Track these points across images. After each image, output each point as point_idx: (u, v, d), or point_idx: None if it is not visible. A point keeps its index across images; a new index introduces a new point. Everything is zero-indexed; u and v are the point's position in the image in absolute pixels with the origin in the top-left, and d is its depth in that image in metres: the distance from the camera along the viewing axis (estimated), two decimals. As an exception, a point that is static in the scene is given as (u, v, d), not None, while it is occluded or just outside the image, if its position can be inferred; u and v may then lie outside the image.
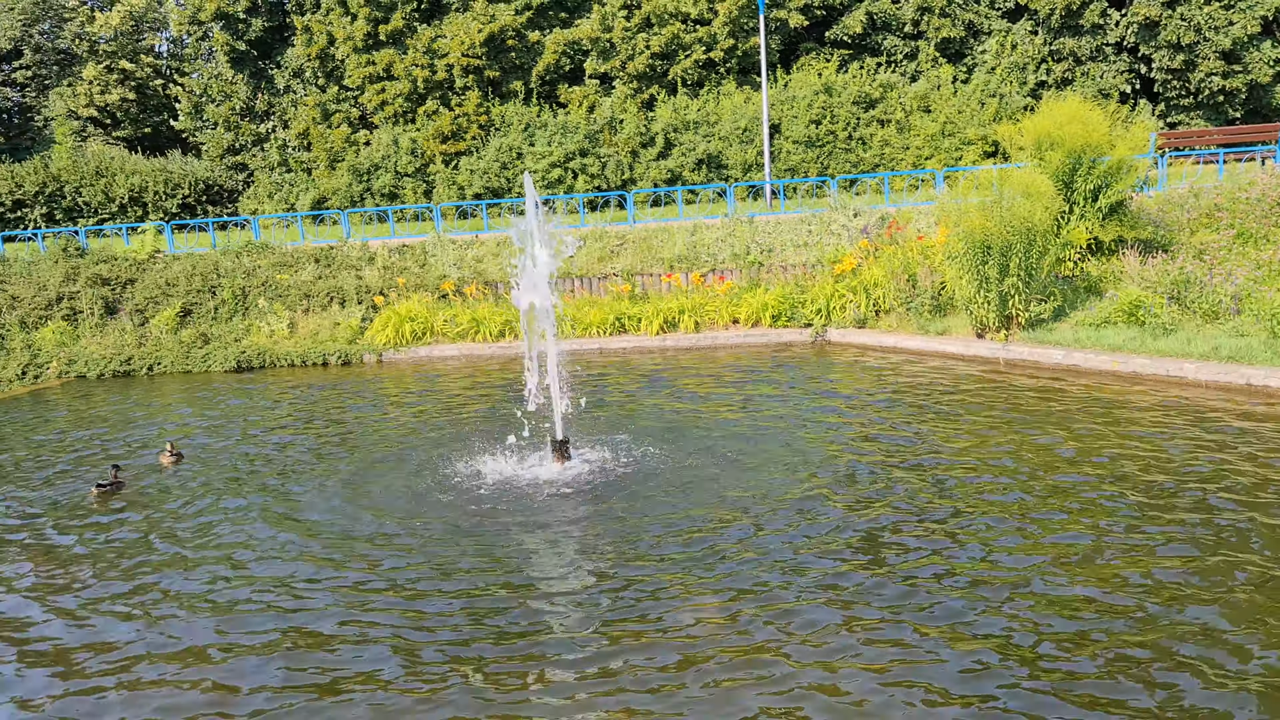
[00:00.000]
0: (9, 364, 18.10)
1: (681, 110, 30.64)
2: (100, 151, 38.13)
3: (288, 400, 14.46)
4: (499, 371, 15.73)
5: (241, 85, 37.06)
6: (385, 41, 32.45)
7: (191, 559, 7.94)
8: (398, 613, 6.64)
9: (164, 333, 18.70)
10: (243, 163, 37.43)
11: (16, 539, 8.76)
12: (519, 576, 7.14)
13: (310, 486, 9.74)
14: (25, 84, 47.77)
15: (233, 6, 34.98)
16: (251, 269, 20.01)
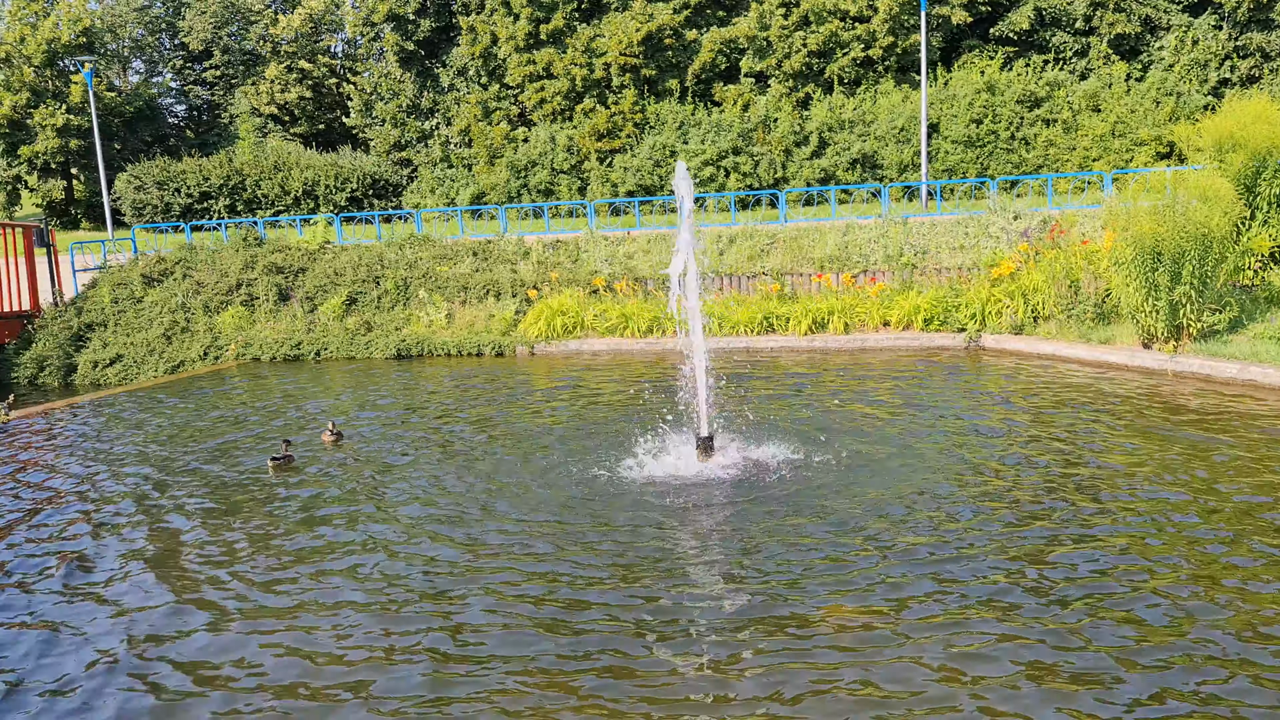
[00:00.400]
0: (193, 345, 19.38)
1: (837, 109, 30.27)
2: (278, 147, 40.31)
3: (443, 388, 15.01)
4: (646, 366, 15.92)
5: (409, 84, 38.52)
6: (546, 41, 33.19)
7: (339, 539, 8.36)
8: (536, 601, 6.83)
9: (331, 320, 19.66)
10: (407, 158, 38.92)
11: (199, 505, 9.39)
12: (658, 570, 7.24)
13: (459, 472, 10.10)
14: (214, 83, 50.90)
15: (403, 8, 36.39)
16: (413, 261, 20.83)
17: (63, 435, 13.15)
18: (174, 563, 7.92)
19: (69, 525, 9.02)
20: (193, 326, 20.02)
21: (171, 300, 20.60)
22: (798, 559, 7.24)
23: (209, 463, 11.07)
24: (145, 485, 10.25)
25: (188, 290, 20.92)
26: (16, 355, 19.70)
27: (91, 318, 20.47)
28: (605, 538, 7.87)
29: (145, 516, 9.16)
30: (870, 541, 7.53)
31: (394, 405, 13.79)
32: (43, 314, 20.83)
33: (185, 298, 20.65)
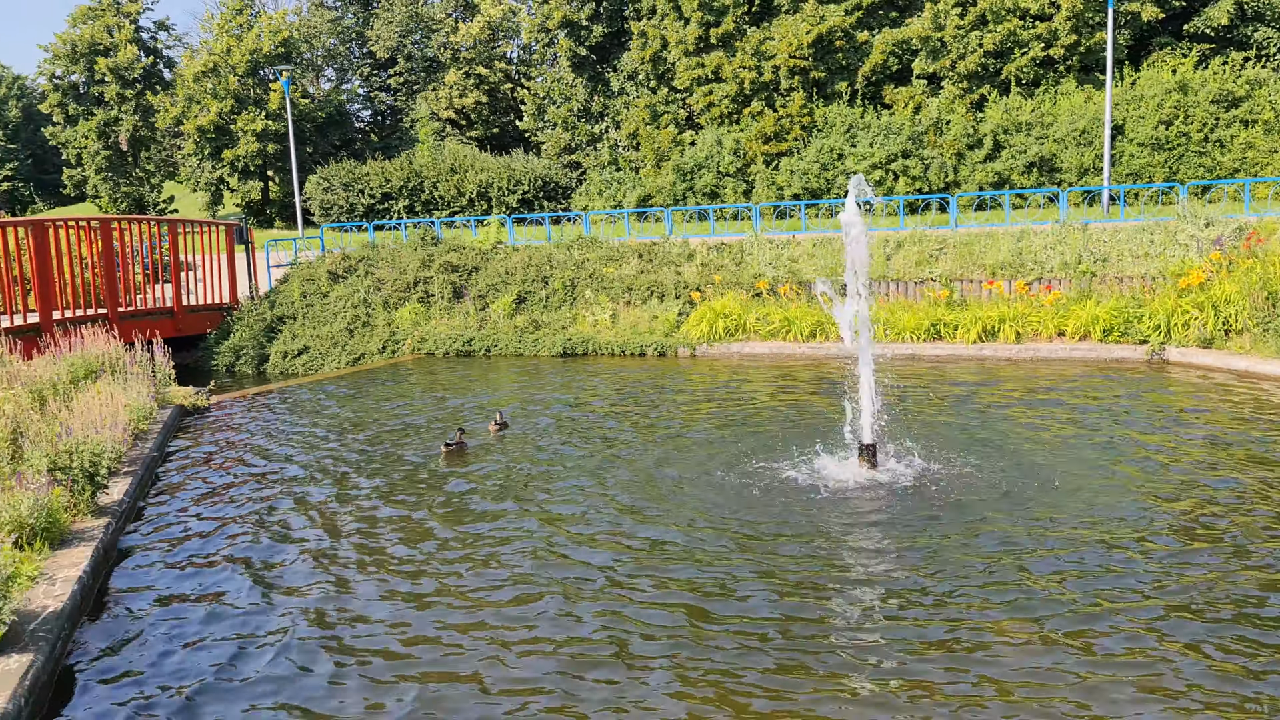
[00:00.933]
0: (372, 339, 20.42)
1: (1013, 110, 29.25)
2: (455, 150, 41.90)
3: (607, 386, 15.33)
4: (808, 371, 15.83)
5: (580, 88, 39.37)
6: (715, 44, 33.33)
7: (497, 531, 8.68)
8: (690, 603, 6.93)
9: (501, 317, 20.35)
10: (577, 161, 39.78)
11: (374, 488, 9.94)
12: (819, 579, 7.23)
13: (620, 470, 10.32)
14: (397, 89, 53.31)
15: (577, 14, 37.21)
16: (580, 261, 21.33)
17: (257, 419, 14.10)
18: (347, 542, 8.41)
19: (255, 502, 9.70)
20: (373, 321, 21.08)
21: (354, 296, 21.74)
22: (963, 574, 7.10)
23: (383, 448, 11.67)
24: (322, 468, 10.90)
25: (369, 287, 22.03)
26: (216, 344, 21.19)
27: (282, 311, 21.81)
28: (765, 544, 7.91)
29: (323, 497, 9.76)
30: (1038, 560, 7.32)
31: (559, 401, 14.17)
32: (240, 306, 22.34)
33: (367, 294, 21.76)
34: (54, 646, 6.12)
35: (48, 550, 7.49)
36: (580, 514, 8.86)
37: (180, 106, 46.50)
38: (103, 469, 8.69)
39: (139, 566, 8.03)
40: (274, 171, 47.62)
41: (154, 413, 12.79)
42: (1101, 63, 29.19)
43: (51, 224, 17.75)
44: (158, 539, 8.70)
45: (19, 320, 16.45)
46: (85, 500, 8.44)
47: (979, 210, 25.26)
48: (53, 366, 12.20)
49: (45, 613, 6.36)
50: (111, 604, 7.28)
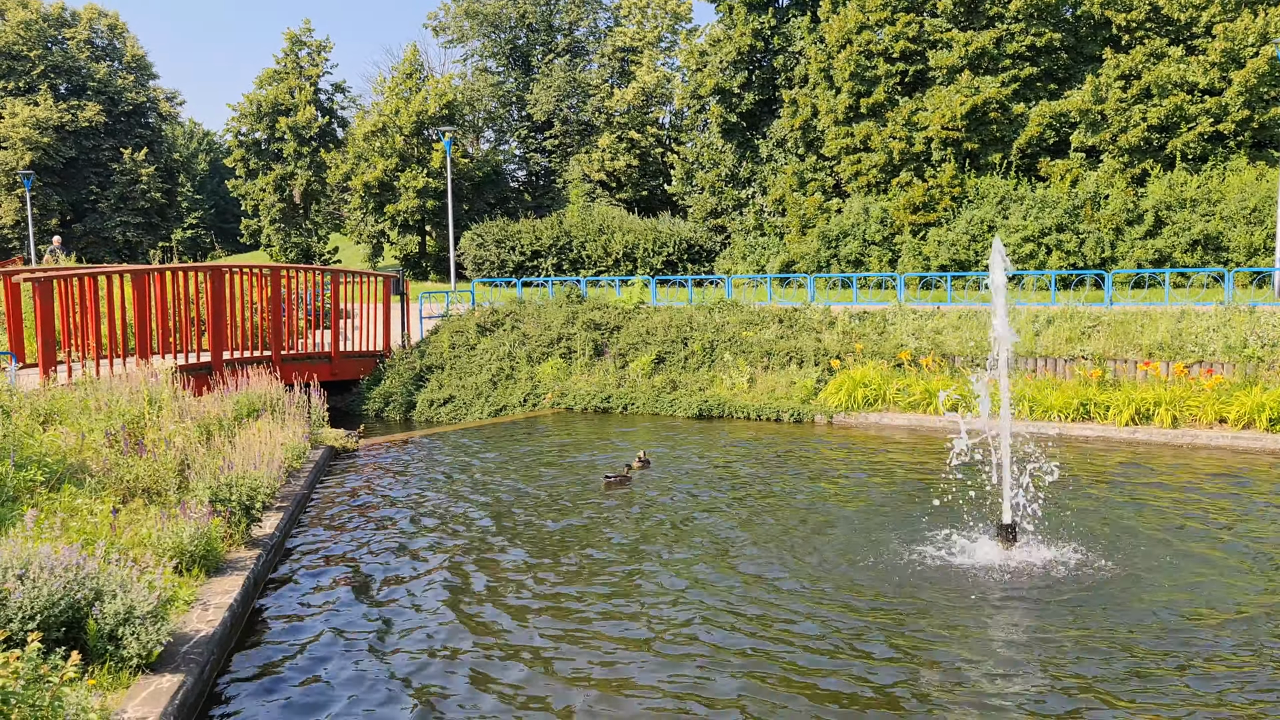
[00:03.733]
0: (515, 391, 20.97)
1: (1177, 186, 28.16)
2: (604, 211, 42.93)
3: (741, 451, 15.32)
4: (948, 446, 15.45)
5: (729, 154, 39.90)
6: (865, 114, 33.34)
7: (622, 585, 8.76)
8: (803, 679, 6.85)
9: (640, 376, 20.63)
10: (722, 225, 40.19)
11: (511, 531, 10.20)
12: (948, 664, 7.05)
13: (750, 536, 10.29)
14: (552, 151, 55.14)
15: (729, 82, 37.85)
16: (720, 324, 21.48)
17: (402, 463, 14.65)
18: (482, 584, 8.65)
19: (396, 544, 10.07)
20: (516, 374, 21.67)
21: (500, 349, 22.42)
22: (1102, 669, 6.80)
23: (521, 497, 11.95)
24: (461, 513, 11.24)
25: (514, 341, 22.69)
26: (368, 390, 22.14)
27: (431, 360, 22.65)
28: (893, 622, 7.76)
29: (460, 542, 10.06)
30: (1182, 661, 6.95)
31: (694, 462, 14.23)
32: (392, 354, 23.30)
33: (512, 347, 22.42)
34: (203, 669, 6.49)
35: (204, 577, 7.97)
36: (704, 580, 8.88)
37: (350, 163, 49.29)
38: (258, 503, 9.21)
39: (286, 598, 8.45)
40: (431, 226, 49.76)
41: (307, 452, 13.45)
42: (1275, 139, 27.89)
43: (228, 270, 19.00)
44: (303, 573, 9.13)
45: (194, 359, 17.60)
46: (240, 531, 8.96)
47: (1136, 288, 24.33)
48: (220, 404, 13.01)
49: (197, 636, 6.76)
50: (259, 632, 7.67)
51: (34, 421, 11.21)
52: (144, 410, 11.77)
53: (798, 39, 37.14)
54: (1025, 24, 31.03)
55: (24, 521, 6.78)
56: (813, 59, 34.71)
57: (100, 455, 9.92)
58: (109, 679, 5.95)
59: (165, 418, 11.54)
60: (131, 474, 9.49)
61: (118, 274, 17.34)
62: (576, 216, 41.94)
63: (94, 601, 6.14)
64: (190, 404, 12.65)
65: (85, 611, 6.09)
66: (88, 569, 6.24)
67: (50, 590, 5.97)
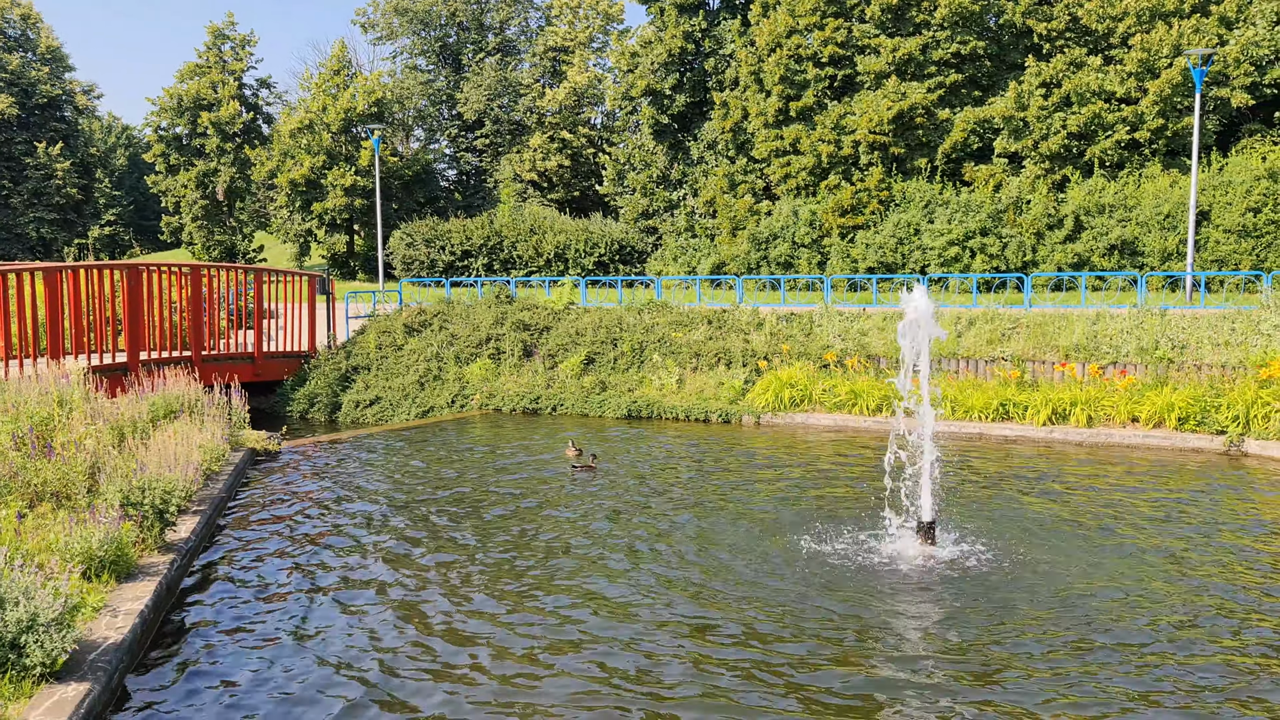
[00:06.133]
0: (443, 392, 20.76)
1: (1096, 192, 28.96)
2: (535, 211, 42.78)
3: (670, 452, 15.36)
4: (872, 446, 15.68)
5: (660, 155, 40.02)
6: (795, 117, 33.70)
7: (549, 584, 8.74)
8: (730, 669, 6.90)
9: (569, 377, 20.57)
10: (654, 226, 40.30)
11: (437, 529, 10.10)
12: (868, 657, 7.14)
13: (673, 536, 10.32)
14: (483, 150, 54.77)
15: (661, 84, 37.97)
16: (650, 325, 21.52)
17: (326, 465, 14.41)
18: (407, 583, 8.54)
19: (317, 545, 9.90)
20: (444, 375, 21.45)
21: (428, 350, 22.18)
22: (1019, 665, 6.94)
23: (445, 496, 11.84)
24: (385, 513, 11.09)
25: (443, 341, 22.47)
26: (292, 391, 21.74)
27: (358, 361, 22.33)
28: (815, 616, 7.85)
29: (384, 541, 9.92)
30: (1098, 655, 7.13)
31: (619, 464, 14.23)
32: (317, 355, 22.92)
33: (440, 348, 22.19)
34: (111, 677, 6.30)
35: (114, 583, 7.74)
36: (628, 576, 8.88)
37: (275, 160, 48.38)
38: (173, 506, 8.98)
39: (200, 603, 8.25)
40: (360, 226, 49.07)
41: (226, 454, 13.16)
42: (1188, 147, 28.83)
43: (145, 268, 18.51)
44: (220, 577, 8.92)
45: (108, 359, 17.11)
46: (154, 536, 8.72)
47: (1055, 291, 24.95)
48: (135, 405, 12.65)
49: (106, 643, 6.56)
50: (173, 638, 7.48)
51: (-64, 423, 10.79)
52: (54, 412, 11.40)
53: (728, 42, 37.41)
54: (951, 31, 31.64)
55: (-80, 527, 6.52)
56: (743, 62, 34.99)
57: (7, 458, 9.59)
58: (10, 689, 5.76)
59: (76, 420, 11.19)
60: (39, 477, 9.19)
61: (28, 272, 16.78)
62: (507, 216, 41.70)
63: (-6, 609, 5.92)
64: (104, 406, 12.28)
65: (-15, 620, 5.87)
66: (-12, 576, 6.02)
67: (-53, 598, 5.75)
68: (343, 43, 49.94)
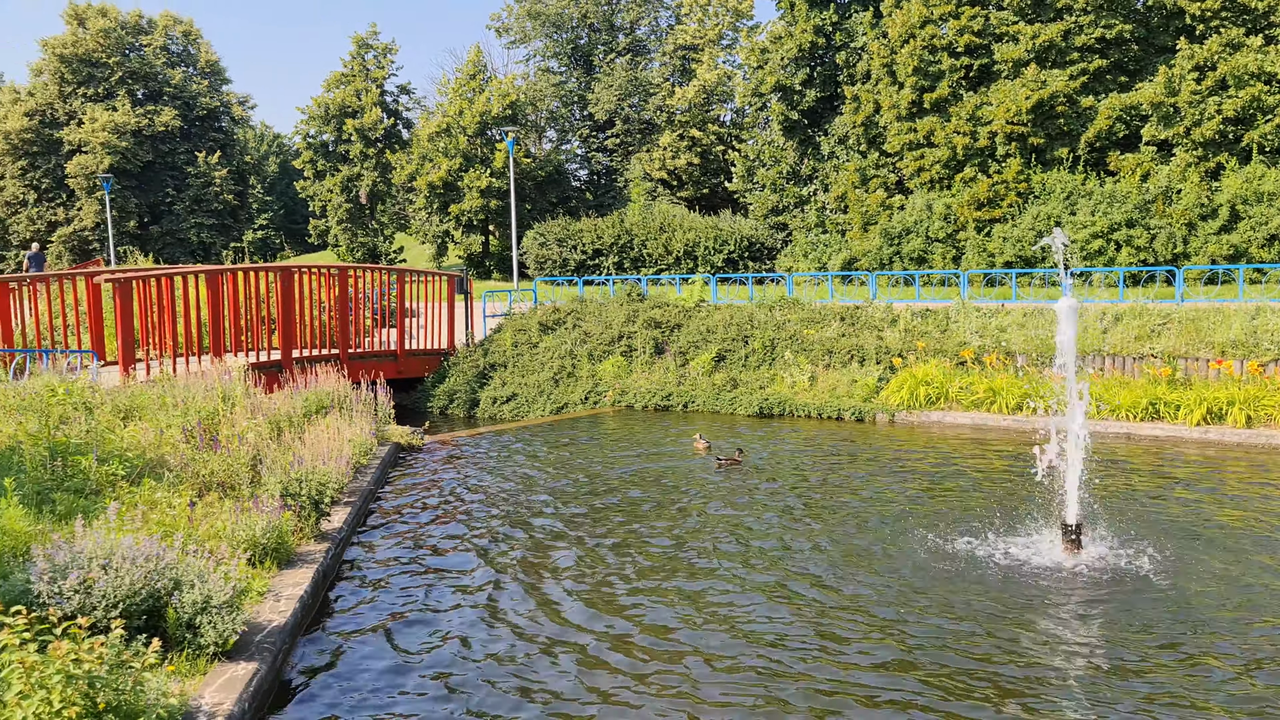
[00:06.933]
0: (576, 389, 21.15)
1: (1255, 180, 27.41)
2: (665, 209, 43.00)
3: (802, 448, 15.30)
4: (1010, 445, 15.28)
5: (790, 151, 39.73)
6: (929, 109, 32.98)
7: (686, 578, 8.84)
8: (872, 678, 6.87)
9: (700, 374, 20.68)
10: (783, 223, 40.04)
11: (575, 522, 10.35)
12: (1008, 667, 7.01)
13: (809, 532, 10.30)
14: (614, 150, 55.34)
15: (791, 79, 37.69)
16: (781, 322, 21.44)
17: (467, 459, 14.89)
18: (550, 574, 8.79)
19: (461, 537, 10.26)
20: (577, 372, 21.85)
21: (561, 347, 22.63)
22: (1167, 680, 6.71)
23: (584, 490, 12.10)
24: (526, 506, 11.41)
25: (576, 339, 22.88)
26: (432, 387, 22.49)
27: (494, 359, 22.94)
28: (952, 622, 7.74)
29: (526, 534, 10.22)
30: (1254, 673, 6.83)
31: (754, 461, 14.25)
32: (456, 352, 23.65)
33: (573, 346, 22.61)
34: (275, 658, 6.72)
35: (275, 569, 8.22)
36: (765, 572, 8.93)
37: (414, 164, 49.97)
38: (327, 498, 9.46)
39: (352, 590, 8.67)
40: (495, 226, 50.26)
41: (374, 448, 13.74)
42: (1358, 130, 26.99)
43: (297, 270, 19.45)
44: (371, 566, 9.36)
45: (264, 357, 18.06)
46: (310, 525, 9.21)
47: (1209, 285, 23.78)
48: (289, 401, 13.35)
49: (270, 626, 6.99)
50: (327, 623, 7.90)
51: (115, 418, 11.63)
52: (218, 407, 12.13)
53: (860, 34, 36.83)
54: (1095, 16, 30.42)
55: (107, 514, 7.06)
56: (875, 54, 34.41)
57: (177, 450, 10.27)
58: (187, 665, 6.19)
59: (238, 414, 11.88)
60: (207, 469, 9.81)
61: (193, 274, 17.86)
62: (637, 215, 42.03)
63: (173, 591, 6.39)
64: (261, 401, 13.01)
65: (165, 600, 6.34)
66: (167, 559, 6.49)
67: (132, 579, 6.22)
68: (478, 48, 51.22)
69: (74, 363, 14.74)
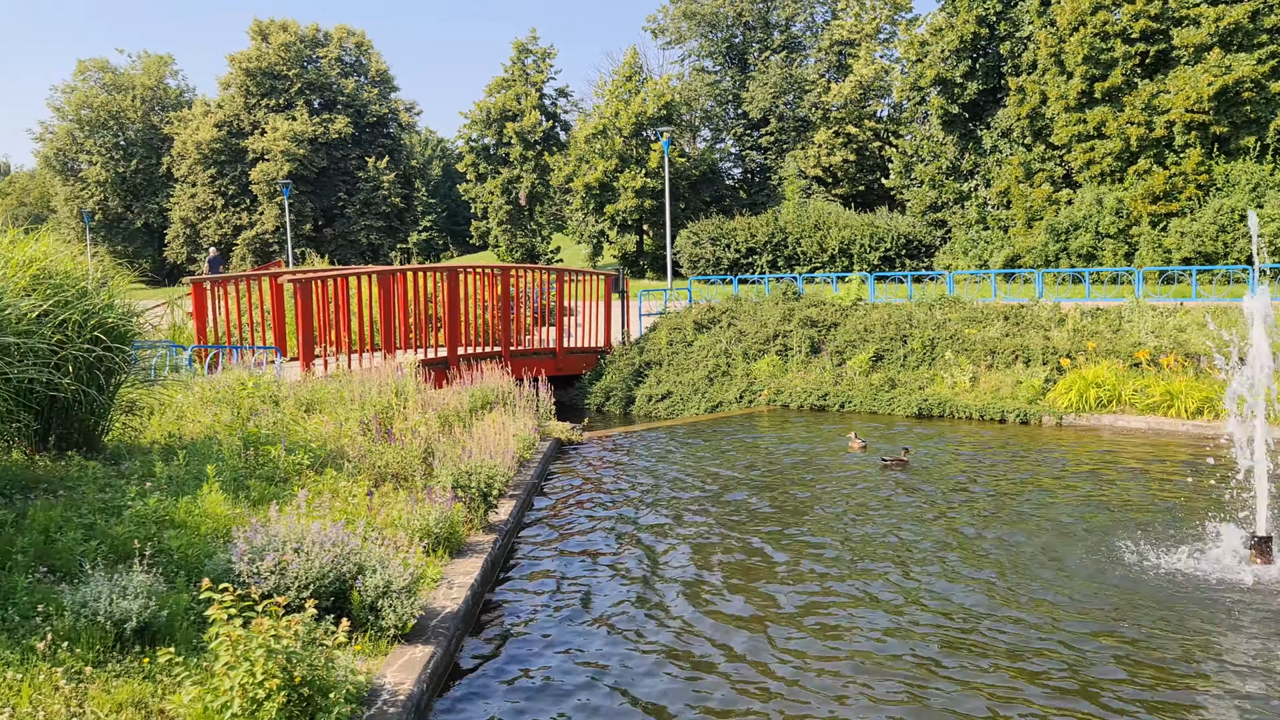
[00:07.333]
0: (731, 388, 21.20)
1: None
2: (819, 207, 42.54)
3: (966, 450, 14.92)
4: (1189, 452, 14.51)
5: (950, 146, 38.70)
6: (1100, 99, 31.59)
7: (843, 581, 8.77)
8: (1037, 692, 6.69)
9: (856, 374, 20.40)
10: (942, 219, 39.04)
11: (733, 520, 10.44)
12: (1198, 688, 6.71)
13: (978, 537, 10.06)
14: (768, 148, 55.08)
15: (951, 72, 36.72)
16: (941, 322, 20.94)
17: (625, 455, 15.16)
18: (716, 572, 8.89)
19: (622, 534, 10.48)
20: (732, 371, 21.89)
21: (716, 346, 22.71)
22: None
23: (742, 487, 12.15)
24: (684, 503, 11.55)
25: (731, 338, 22.92)
26: (589, 384, 22.94)
27: (650, 357, 23.21)
28: (1135, 637, 7.44)
29: (687, 531, 10.35)
30: None
31: (914, 463, 14.00)
32: (612, 351, 24.04)
33: (728, 344, 22.65)
34: (450, 642, 7.04)
35: (447, 558, 8.60)
36: (931, 578, 8.79)
37: (571, 165, 51.01)
38: (495, 490, 9.83)
39: (518, 580, 8.99)
40: (649, 225, 50.79)
41: (536, 443, 14.15)
42: None
43: (461, 270, 20.18)
44: (536, 558, 9.67)
45: (431, 354, 18.82)
46: (479, 517, 9.59)
47: None
48: (457, 396, 13.89)
49: (444, 612, 7.33)
50: (495, 612, 8.22)
51: (298, 410, 12.37)
52: (391, 401, 12.74)
53: (1026, 23, 35.56)
54: (1286, -6, 28.51)
55: (297, 500, 7.54)
56: (1042, 43, 33.15)
57: (355, 442, 10.85)
58: (369, 646, 6.56)
59: (410, 409, 12.45)
60: (382, 460, 10.33)
61: (366, 275, 18.78)
62: (792, 213, 41.75)
63: (357, 575, 6.78)
64: (431, 396, 13.58)
65: (349, 583, 6.74)
66: (350, 545, 6.89)
67: (321, 563, 6.64)
68: (634, 49, 51.91)
69: (259, 358, 15.72)
